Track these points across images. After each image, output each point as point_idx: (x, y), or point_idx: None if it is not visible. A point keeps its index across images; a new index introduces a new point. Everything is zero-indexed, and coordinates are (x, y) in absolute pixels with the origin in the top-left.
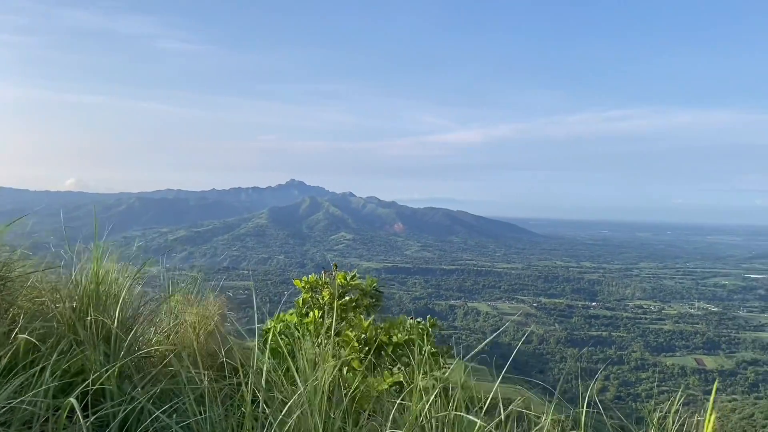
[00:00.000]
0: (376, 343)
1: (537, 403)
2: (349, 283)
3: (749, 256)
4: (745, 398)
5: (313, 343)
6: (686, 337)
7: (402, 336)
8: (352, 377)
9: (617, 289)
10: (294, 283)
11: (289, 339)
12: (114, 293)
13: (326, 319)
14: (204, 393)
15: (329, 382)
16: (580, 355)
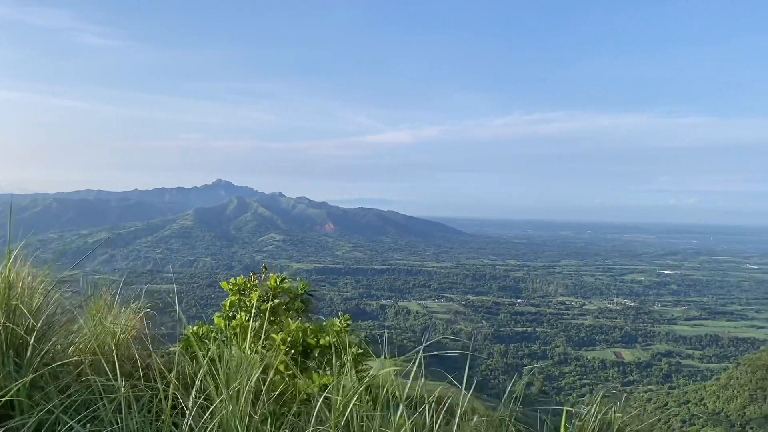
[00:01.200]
0: (302, 346)
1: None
2: (280, 286)
3: (663, 253)
4: (659, 388)
5: (239, 347)
6: (606, 331)
7: (330, 338)
8: (280, 380)
9: (541, 286)
10: (221, 285)
11: (215, 343)
12: (27, 300)
13: (254, 323)
14: (123, 401)
15: (255, 386)
16: (506, 351)
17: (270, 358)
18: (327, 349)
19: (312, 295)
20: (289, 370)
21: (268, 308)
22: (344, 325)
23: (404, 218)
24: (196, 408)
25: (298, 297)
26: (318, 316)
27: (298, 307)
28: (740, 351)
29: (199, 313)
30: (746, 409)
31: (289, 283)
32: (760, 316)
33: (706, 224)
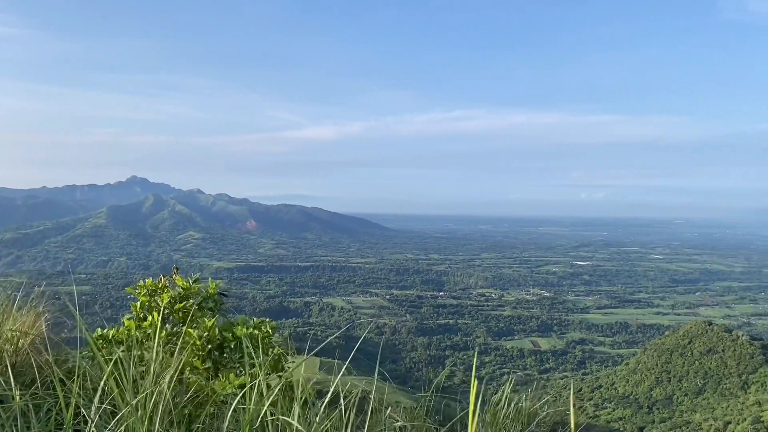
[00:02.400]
0: (218, 341)
1: (389, 391)
2: (191, 287)
3: (576, 244)
4: (574, 374)
5: (150, 349)
6: (523, 321)
7: (246, 331)
8: (195, 381)
9: (462, 278)
10: (126, 290)
11: (120, 346)
12: None
13: (165, 324)
14: (18, 411)
15: (168, 388)
16: (429, 343)
17: (184, 358)
18: (242, 344)
19: (225, 294)
20: (206, 365)
21: (179, 308)
22: (258, 322)
23: (328, 215)
24: (98, 415)
25: (210, 297)
26: (234, 315)
27: (211, 306)
28: (647, 337)
29: (115, 315)
30: (653, 392)
31: (201, 283)
32: (664, 303)
33: (614, 217)
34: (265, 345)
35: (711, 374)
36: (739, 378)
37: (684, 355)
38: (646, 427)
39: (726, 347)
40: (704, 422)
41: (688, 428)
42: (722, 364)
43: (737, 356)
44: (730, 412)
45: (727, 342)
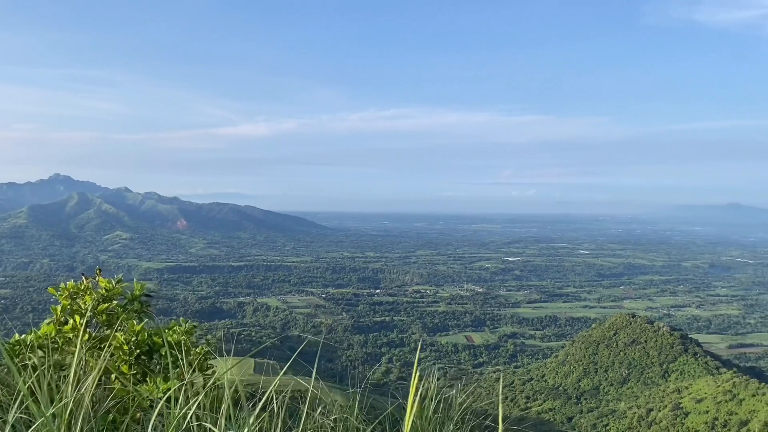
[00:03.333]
0: (147, 346)
1: (325, 390)
2: (115, 288)
3: (507, 241)
4: (506, 368)
5: (72, 354)
6: (458, 316)
7: (177, 336)
8: (120, 387)
9: (398, 276)
10: (49, 290)
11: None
12: None
13: (88, 328)
14: None
15: (93, 394)
16: (365, 341)
17: (108, 363)
18: (172, 350)
19: (151, 296)
20: (134, 371)
21: (101, 311)
22: (190, 327)
23: (262, 213)
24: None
25: (135, 299)
26: (164, 317)
27: (135, 308)
28: (575, 329)
29: (37, 319)
30: (581, 382)
31: (125, 284)
32: (591, 296)
33: (544, 214)
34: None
35: (635, 364)
36: (661, 367)
37: (610, 347)
38: (574, 417)
39: (648, 338)
40: (628, 410)
41: (614, 416)
42: (645, 354)
43: (659, 346)
44: (652, 400)
45: (649, 333)
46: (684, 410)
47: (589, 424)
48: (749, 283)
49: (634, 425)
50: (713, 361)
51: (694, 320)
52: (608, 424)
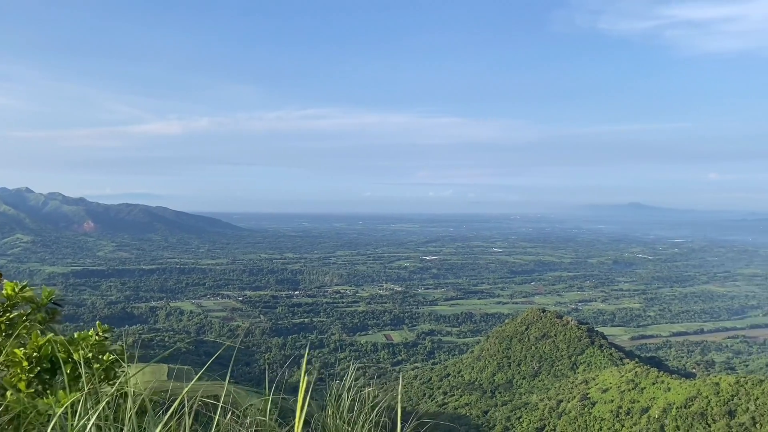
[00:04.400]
0: (50, 362)
1: (242, 395)
2: (18, 295)
3: (425, 240)
4: (424, 365)
5: None
6: (377, 315)
7: (84, 352)
8: (16, 401)
9: (317, 276)
10: None
11: None
12: None
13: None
14: None
15: None
16: (284, 343)
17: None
18: (79, 365)
19: (59, 304)
20: (31, 389)
21: (4, 321)
22: (101, 338)
23: (175, 214)
24: None
25: (41, 307)
26: (79, 323)
27: (41, 318)
28: (489, 325)
29: None
30: (495, 377)
31: (31, 291)
32: (504, 293)
33: (460, 213)
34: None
35: (545, 357)
36: (569, 359)
37: (522, 341)
38: (489, 410)
39: (558, 332)
40: (540, 402)
41: (527, 408)
42: (555, 348)
43: (567, 340)
44: (562, 391)
45: (558, 327)
46: (591, 400)
47: (503, 416)
48: (649, 278)
49: (545, 416)
50: (617, 353)
51: (600, 314)
52: (521, 417)
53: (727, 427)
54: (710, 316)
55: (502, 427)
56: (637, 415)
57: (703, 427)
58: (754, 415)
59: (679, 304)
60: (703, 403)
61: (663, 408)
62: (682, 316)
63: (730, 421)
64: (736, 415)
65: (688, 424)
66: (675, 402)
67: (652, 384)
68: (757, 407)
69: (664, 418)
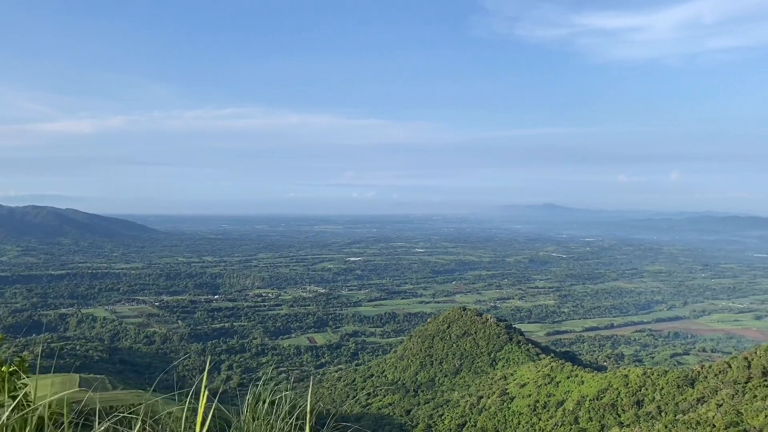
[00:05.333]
0: None
1: (158, 403)
2: None
3: (349, 241)
4: (348, 366)
5: None
6: (300, 318)
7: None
8: None
9: (238, 280)
10: None
11: None
12: None
13: None
14: None
15: None
16: (204, 349)
17: None
18: None
19: None
20: None
21: None
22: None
23: (86, 217)
24: None
25: None
26: None
27: None
28: (412, 324)
29: None
30: (418, 375)
31: None
32: (426, 292)
33: (383, 214)
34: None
35: (466, 355)
36: (489, 356)
37: (444, 339)
38: (412, 409)
39: (478, 329)
40: (461, 399)
41: (448, 406)
42: (475, 345)
43: (487, 337)
44: (482, 388)
45: (478, 325)
46: (510, 395)
47: (425, 414)
48: (563, 276)
49: (466, 413)
50: (534, 348)
51: (517, 311)
52: (443, 414)
53: (635, 416)
54: (619, 311)
55: (424, 426)
56: (553, 408)
57: (614, 417)
58: (659, 404)
59: (590, 300)
60: (614, 395)
61: (577, 401)
62: (593, 311)
63: (638, 411)
64: (644, 404)
65: (600, 415)
66: (588, 394)
67: (567, 378)
68: (662, 396)
69: (578, 411)
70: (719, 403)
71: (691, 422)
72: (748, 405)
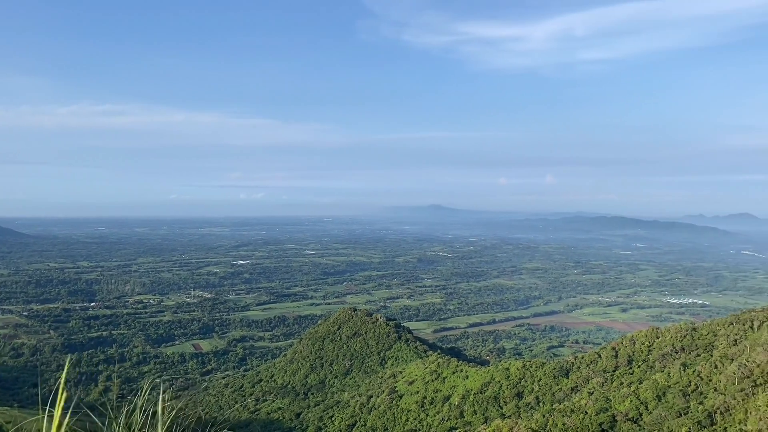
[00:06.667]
0: None
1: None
2: None
3: (236, 244)
4: (236, 372)
5: None
6: (184, 325)
7: None
8: None
9: (116, 286)
10: None
11: None
12: None
13: None
14: None
15: None
16: (79, 359)
17: None
18: None
19: None
20: None
21: None
22: None
23: None
24: None
25: None
26: None
27: None
28: (303, 327)
29: None
30: (308, 378)
31: None
32: (317, 294)
33: (272, 216)
34: None
35: (356, 355)
36: (379, 355)
37: (334, 341)
38: (302, 412)
39: (368, 329)
40: (351, 399)
41: (339, 407)
42: (365, 345)
43: (377, 336)
44: (372, 387)
45: (368, 325)
46: (399, 393)
47: (316, 417)
48: (449, 274)
49: (356, 413)
50: (422, 346)
51: (406, 309)
52: (333, 416)
53: (516, 407)
54: (501, 307)
55: (314, 428)
56: (440, 403)
57: (497, 409)
58: (537, 394)
59: (474, 297)
60: (496, 388)
61: (462, 395)
62: (477, 308)
63: (518, 402)
64: (524, 396)
65: (484, 408)
66: (473, 388)
67: (453, 373)
68: (540, 387)
69: (464, 405)
70: (591, 392)
71: (566, 410)
72: (616, 392)
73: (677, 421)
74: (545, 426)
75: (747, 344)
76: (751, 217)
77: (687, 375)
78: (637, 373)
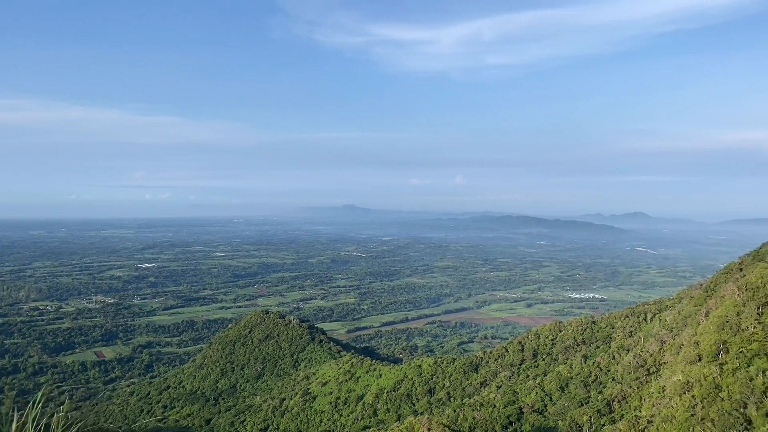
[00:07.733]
0: None
1: None
2: None
3: (141, 247)
4: (142, 380)
5: None
6: (85, 332)
7: None
8: None
9: (9, 292)
10: None
11: None
12: None
13: None
14: None
15: None
16: None
17: None
18: None
19: None
20: None
21: None
22: None
23: None
24: None
25: None
26: None
27: None
28: (212, 331)
29: None
30: (218, 383)
31: None
32: (227, 297)
33: (179, 217)
34: None
35: (269, 358)
36: (292, 357)
37: (246, 344)
38: (213, 418)
39: (281, 332)
40: (263, 403)
41: (250, 411)
42: (278, 348)
43: (290, 338)
44: (285, 390)
45: (281, 327)
46: (312, 394)
47: (227, 422)
48: (363, 274)
49: (269, 416)
50: (335, 346)
51: (320, 310)
52: (245, 420)
53: (428, 404)
54: (413, 305)
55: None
56: (354, 403)
57: (409, 406)
58: (449, 390)
59: (387, 296)
60: (409, 385)
61: (375, 394)
62: (390, 307)
63: (430, 398)
64: (435, 392)
65: (397, 406)
66: (386, 387)
67: (366, 372)
68: (451, 383)
69: (377, 403)
70: (499, 385)
71: (476, 405)
72: (522, 384)
73: (579, 411)
74: (456, 420)
75: (641, 335)
76: (644, 216)
77: (588, 366)
78: (542, 366)
